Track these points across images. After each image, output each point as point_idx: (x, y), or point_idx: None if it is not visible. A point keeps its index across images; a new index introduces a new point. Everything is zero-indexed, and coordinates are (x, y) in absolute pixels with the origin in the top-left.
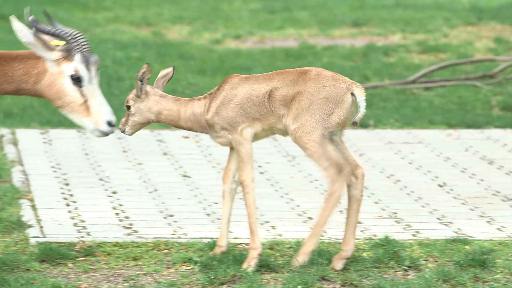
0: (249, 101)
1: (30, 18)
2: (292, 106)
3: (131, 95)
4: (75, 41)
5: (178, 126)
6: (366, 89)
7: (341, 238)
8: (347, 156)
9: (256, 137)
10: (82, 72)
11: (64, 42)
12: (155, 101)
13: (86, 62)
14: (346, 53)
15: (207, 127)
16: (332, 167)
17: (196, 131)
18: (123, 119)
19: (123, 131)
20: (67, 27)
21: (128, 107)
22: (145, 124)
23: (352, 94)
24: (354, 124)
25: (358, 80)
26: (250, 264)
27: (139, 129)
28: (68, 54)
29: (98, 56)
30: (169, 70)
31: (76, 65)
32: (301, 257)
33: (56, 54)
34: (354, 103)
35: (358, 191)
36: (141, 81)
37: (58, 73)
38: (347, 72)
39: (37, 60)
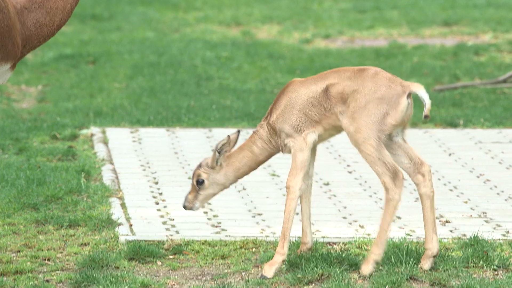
0: (309, 104)
1: None
2: (349, 104)
3: (202, 169)
4: None
5: (259, 163)
6: (456, 88)
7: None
8: (411, 155)
9: (321, 138)
10: None
11: None
12: (227, 164)
13: None
14: (437, 53)
15: (276, 138)
16: (386, 174)
17: (275, 154)
18: (190, 196)
19: (190, 209)
20: None
21: (202, 182)
22: (217, 194)
23: (409, 96)
24: (426, 118)
25: (448, 80)
26: (271, 268)
27: (208, 200)
28: None
29: (188, 55)
30: (235, 135)
31: None
32: (369, 266)
33: None
34: (411, 105)
35: (427, 188)
36: (219, 152)
37: None
38: (437, 72)
39: None
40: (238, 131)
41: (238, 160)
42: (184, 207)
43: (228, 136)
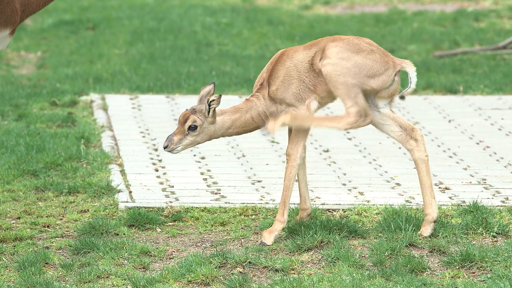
0: (304, 70)
1: None
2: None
3: (198, 115)
4: None
5: (249, 131)
6: (455, 54)
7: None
8: (401, 123)
9: (320, 105)
10: None
11: None
12: (221, 120)
13: None
14: (436, 18)
15: (274, 110)
16: (356, 108)
17: None
18: (175, 138)
19: (171, 150)
20: None
21: (195, 128)
22: (199, 144)
23: (397, 74)
24: (402, 98)
25: (448, 46)
26: (271, 235)
27: (189, 148)
28: None
29: (188, 21)
30: (210, 87)
31: None
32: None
33: None
34: (398, 83)
35: (421, 152)
36: (209, 105)
37: None
38: (437, 38)
39: None
40: (214, 83)
41: (232, 120)
42: (165, 147)
43: (220, 94)
